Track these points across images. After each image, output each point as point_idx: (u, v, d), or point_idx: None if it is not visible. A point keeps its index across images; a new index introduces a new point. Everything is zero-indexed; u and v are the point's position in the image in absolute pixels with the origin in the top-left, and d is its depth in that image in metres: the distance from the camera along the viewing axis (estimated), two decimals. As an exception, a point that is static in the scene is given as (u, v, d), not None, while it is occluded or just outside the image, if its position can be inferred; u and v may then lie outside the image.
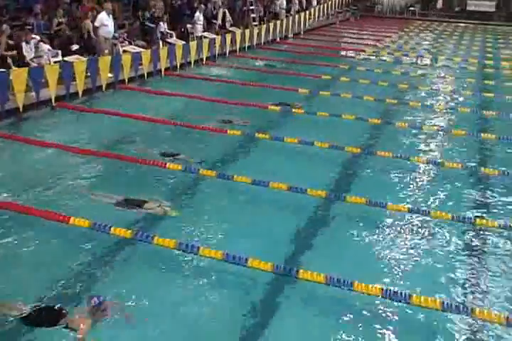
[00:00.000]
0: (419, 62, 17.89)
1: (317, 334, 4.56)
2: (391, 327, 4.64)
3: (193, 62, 14.73)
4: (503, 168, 8.13)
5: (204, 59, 15.33)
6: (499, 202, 7.19)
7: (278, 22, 20.99)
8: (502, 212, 6.92)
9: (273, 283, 5.18)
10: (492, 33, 27.71)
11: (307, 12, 24.55)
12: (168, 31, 16.11)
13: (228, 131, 9.34)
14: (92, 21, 13.06)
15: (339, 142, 8.92)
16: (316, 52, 18.73)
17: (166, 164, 7.70)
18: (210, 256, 5.37)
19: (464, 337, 4.60)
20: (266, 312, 4.80)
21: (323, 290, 5.04)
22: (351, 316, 4.75)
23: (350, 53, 19.08)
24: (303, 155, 8.60)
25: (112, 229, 5.74)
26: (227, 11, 19.46)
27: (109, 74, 11.88)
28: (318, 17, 26.75)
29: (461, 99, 12.97)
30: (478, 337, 4.62)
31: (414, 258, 5.78)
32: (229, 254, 5.32)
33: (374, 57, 18.28)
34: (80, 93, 11.07)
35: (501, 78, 15.44)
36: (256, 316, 4.73)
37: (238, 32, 17.76)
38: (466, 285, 5.35)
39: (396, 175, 8.01)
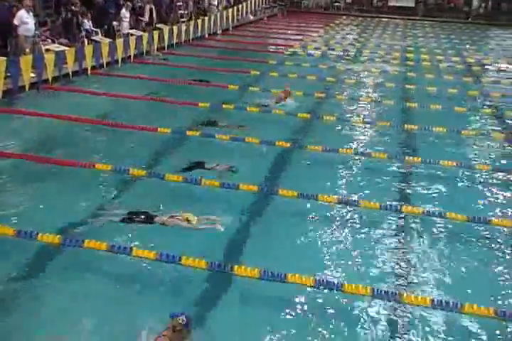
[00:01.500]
0: (344, 55, 18.31)
1: (256, 329, 4.63)
2: (327, 317, 4.77)
3: (120, 60, 14.44)
4: (426, 157, 8.50)
5: (132, 57, 15.06)
6: (423, 190, 7.52)
7: (206, 18, 20.92)
8: (426, 198, 7.23)
9: (208, 280, 5.20)
10: (412, 27, 28.77)
11: (235, 8, 24.60)
12: (93, 29, 15.70)
13: (159, 130, 9.24)
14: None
15: (270, 137, 9.03)
16: (244, 48, 18.80)
17: (94, 164, 7.54)
18: (143, 256, 5.32)
19: (391, 321, 4.79)
20: (203, 309, 4.82)
21: (258, 284, 5.11)
22: (288, 308, 4.85)
23: (279, 48, 19.28)
24: (235, 151, 8.63)
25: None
26: (154, 7, 19.17)
27: (32, 74, 11.46)
28: (246, 13, 26.86)
29: (385, 91, 13.38)
30: (404, 320, 4.82)
31: (346, 248, 5.95)
32: (162, 254, 5.30)
33: (302, 52, 18.56)
34: (0, 94, 10.63)
35: (422, 70, 16.05)
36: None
37: (166, 29, 17.55)
38: (396, 272, 5.55)
39: (326, 167, 8.21)
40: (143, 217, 6.13)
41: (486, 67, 17.56)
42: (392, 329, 4.70)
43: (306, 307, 4.88)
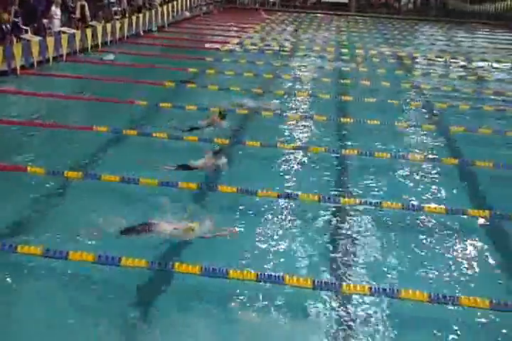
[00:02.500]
0: (281, 51, 18.47)
1: (198, 325, 4.62)
2: (270, 310, 4.82)
3: (51, 59, 14.01)
4: (362, 149, 8.72)
5: (64, 55, 14.64)
6: (360, 181, 7.70)
7: (141, 15, 20.59)
8: (363, 189, 7.42)
9: (149, 279, 5.15)
10: (346, 22, 29.36)
11: (170, 5, 24.32)
12: (22, 26, 15.13)
13: (94, 129, 9.02)
14: None
15: (210, 134, 9.01)
16: (180, 45, 18.64)
17: (26, 168, 7.30)
18: (80, 260, 5.20)
19: (334, 311, 4.89)
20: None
21: (200, 281, 5.11)
22: (231, 303, 4.87)
23: (215, 45, 19.22)
24: (171, 150, 8.56)
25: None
26: (86, 4, 18.66)
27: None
28: (182, 10, 26.61)
29: (321, 85, 13.61)
30: (347, 309, 4.94)
31: (286, 241, 6.01)
32: (101, 255, 5.20)
33: (238, 49, 18.59)
34: None
35: (356, 65, 16.41)
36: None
37: (99, 26, 17.15)
38: (337, 262, 5.66)
39: (265, 162, 8.27)
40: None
41: (417, 60, 18.16)
42: (336, 320, 4.80)
43: (250, 302, 4.91)
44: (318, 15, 32.24)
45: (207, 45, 19.47)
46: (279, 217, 6.56)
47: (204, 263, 5.17)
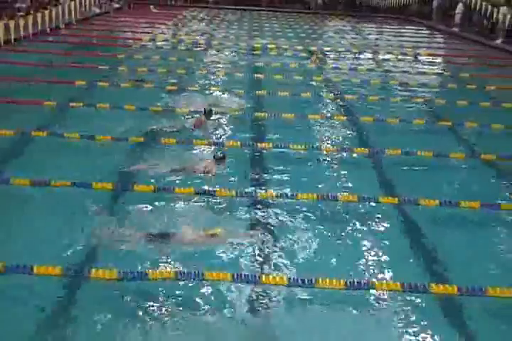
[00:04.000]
0: (194, 47, 18.36)
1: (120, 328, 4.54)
2: (191, 307, 4.81)
3: None
4: (277, 142, 8.86)
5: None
6: (275, 174, 7.83)
7: (47, 12, 19.73)
8: (278, 182, 7.55)
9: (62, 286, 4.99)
10: (258, 17, 29.61)
11: (77, 0, 23.46)
12: None
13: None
14: None
15: (122, 134, 8.82)
16: (90, 43, 18.07)
17: None
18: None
19: (254, 303, 4.96)
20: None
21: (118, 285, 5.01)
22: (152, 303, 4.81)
23: (127, 42, 18.80)
24: (85, 150, 8.32)
25: None
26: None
27: None
28: (91, 5, 25.77)
29: (235, 80, 13.66)
30: (267, 301, 5.02)
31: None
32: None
33: (151, 45, 18.29)
34: None
35: (269, 59, 16.59)
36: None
37: (1, 23, 16.27)
38: (255, 255, 5.74)
39: (182, 159, 8.20)
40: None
41: (327, 54, 18.64)
42: (256, 311, 4.87)
43: (170, 300, 4.88)
44: (230, 10, 32.28)
45: (118, 42, 19.00)
46: (196, 212, 6.52)
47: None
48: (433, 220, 6.77)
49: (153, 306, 4.78)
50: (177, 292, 4.99)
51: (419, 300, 5.07)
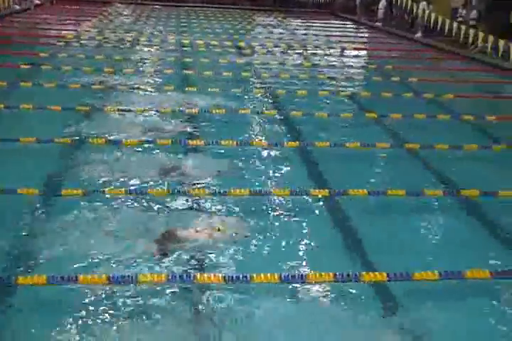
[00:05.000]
0: (121, 44, 17.98)
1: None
2: (126, 312, 4.74)
3: None
4: (208, 139, 8.85)
5: None
6: (204, 170, 7.80)
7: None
8: (209, 178, 7.55)
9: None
10: (186, 13, 29.38)
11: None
12: None
13: None
14: None
15: (47, 135, 8.55)
16: (9, 41, 17.33)
17: None
18: None
19: (190, 304, 4.95)
20: None
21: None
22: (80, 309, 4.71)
23: (50, 40, 18.17)
24: (12, 153, 8.01)
25: None
26: None
27: None
28: (9, 2, 24.69)
29: (165, 78, 13.50)
30: (204, 300, 5.02)
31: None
32: None
33: (76, 43, 17.77)
34: None
35: (198, 55, 16.51)
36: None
37: None
38: (187, 254, 5.71)
39: (111, 160, 8.05)
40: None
41: (256, 49, 18.75)
42: (193, 312, 4.85)
43: (101, 305, 4.79)
44: (158, 6, 31.83)
45: (41, 40, 18.35)
46: (128, 214, 6.44)
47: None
48: (363, 210, 6.97)
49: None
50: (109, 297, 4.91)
51: (352, 289, 5.22)
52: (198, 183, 7.35)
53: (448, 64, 18.07)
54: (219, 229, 5.87)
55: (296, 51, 18.79)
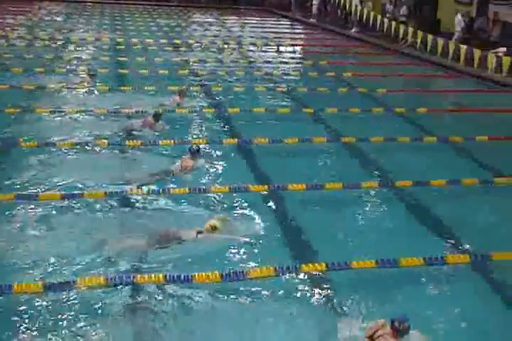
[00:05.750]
0: (52, 43, 17.43)
1: None
2: (64, 316, 4.63)
3: None
4: (143, 140, 8.73)
5: None
6: (144, 169, 7.75)
7: None
8: (148, 176, 7.47)
9: None
10: (120, 11, 28.76)
11: None
12: None
13: None
14: None
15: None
16: None
17: None
18: None
19: (132, 305, 4.89)
20: None
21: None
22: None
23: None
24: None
25: None
26: None
27: None
28: None
29: (99, 77, 13.18)
30: (148, 300, 4.97)
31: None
32: None
33: (2, 42, 17.06)
34: None
35: (133, 54, 16.23)
36: None
37: None
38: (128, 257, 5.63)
39: (47, 160, 7.84)
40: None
41: (193, 47, 18.62)
42: (135, 311, 4.80)
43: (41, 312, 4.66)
44: (89, 4, 31.00)
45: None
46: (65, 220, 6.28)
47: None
48: (301, 204, 7.07)
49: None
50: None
51: (294, 281, 5.29)
52: (136, 183, 7.25)
53: (381, 59, 18.55)
54: (215, 228, 5.84)
55: (233, 48, 18.80)
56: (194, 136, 9.33)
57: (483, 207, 7.35)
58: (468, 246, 6.17)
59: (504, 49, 16.33)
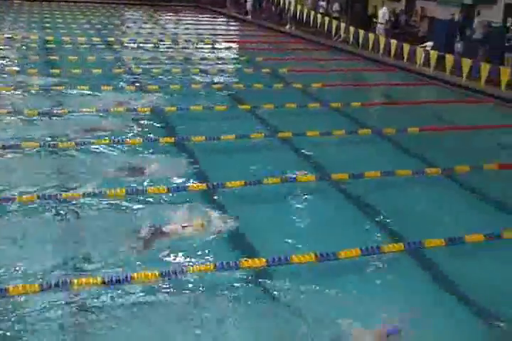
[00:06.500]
0: None
1: None
2: None
3: None
4: (78, 140, 8.53)
5: None
6: (80, 172, 7.57)
7: None
8: (80, 180, 7.30)
9: None
10: (49, 8, 27.88)
11: None
12: None
13: None
14: None
15: None
16: None
17: None
18: None
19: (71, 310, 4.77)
20: None
21: None
22: None
23: None
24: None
25: None
26: None
27: None
28: None
29: (29, 78, 12.73)
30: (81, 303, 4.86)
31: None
32: None
33: None
34: None
35: (64, 53, 15.76)
36: None
37: None
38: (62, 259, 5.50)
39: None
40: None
41: (127, 44, 18.29)
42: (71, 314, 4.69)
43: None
44: (17, 1, 29.86)
45: None
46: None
47: None
48: (240, 200, 7.09)
49: None
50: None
51: (232, 277, 5.31)
52: (77, 184, 7.08)
53: (315, 54, 18.83)
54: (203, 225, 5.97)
55: (168, 45, 18.59)
56: (130, 135, 9.16)
57: (416, 196, 7.62)
58: (402, 234, 6.38)
59: (431, 43, 16.97)
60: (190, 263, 5.45)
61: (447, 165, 8.39)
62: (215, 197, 7.10)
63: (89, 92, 11.59)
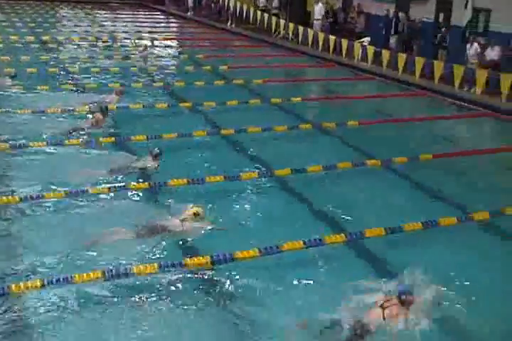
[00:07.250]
0: None
1: None
2: None
3: None
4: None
5: None
6: (23, 175, 7.34)
7: None
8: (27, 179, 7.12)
9: None
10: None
11: None
12: None
13: None
14: None
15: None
16: None
17: None
18: None
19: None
20: None
21: None
22: None
23: None
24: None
25: None
26: None
27: None
28: None
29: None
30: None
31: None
32: None
33: None
34: None
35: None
36: None
37: None
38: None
39: None
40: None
41: (62, 43, 17.79)
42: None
43: None
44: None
45: None
46: None
47: None
48: (182, 198, 7.01)
49: None
50: None
51: (174, 277, 5.28)
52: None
53: (256, 51, 18.87)
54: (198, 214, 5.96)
55: (106, 44, 18.21)
56: (66, 137, 8.91)
57: (357, 188, 7.78)
58: (344, 225, 6.52)
59: (368, 39, 17.35)
60: (134, 264, 5.38)
61: (386, 156, 8.62)
62: (158, 196, 7.03)
63: (21, 93, 11.20)
